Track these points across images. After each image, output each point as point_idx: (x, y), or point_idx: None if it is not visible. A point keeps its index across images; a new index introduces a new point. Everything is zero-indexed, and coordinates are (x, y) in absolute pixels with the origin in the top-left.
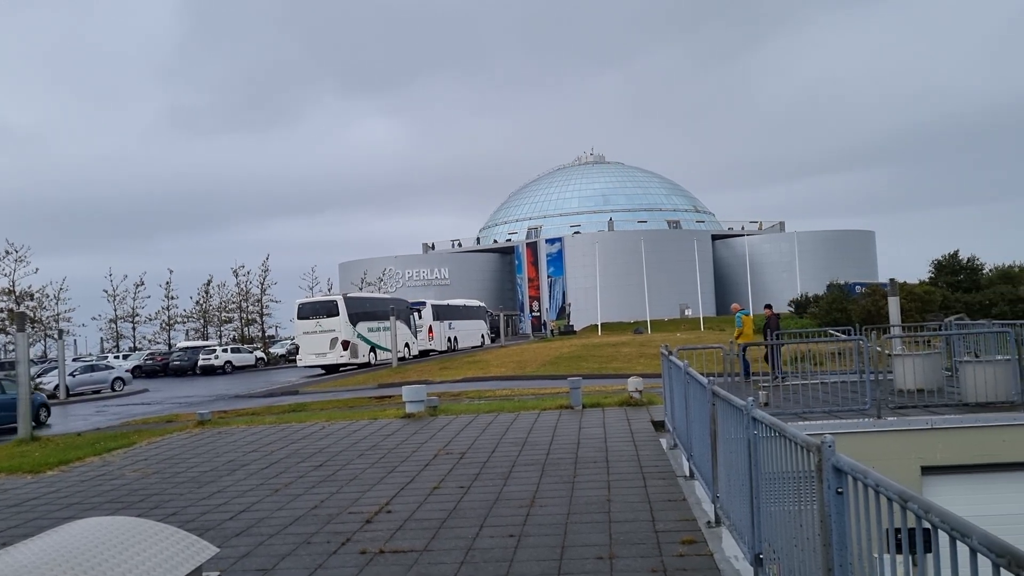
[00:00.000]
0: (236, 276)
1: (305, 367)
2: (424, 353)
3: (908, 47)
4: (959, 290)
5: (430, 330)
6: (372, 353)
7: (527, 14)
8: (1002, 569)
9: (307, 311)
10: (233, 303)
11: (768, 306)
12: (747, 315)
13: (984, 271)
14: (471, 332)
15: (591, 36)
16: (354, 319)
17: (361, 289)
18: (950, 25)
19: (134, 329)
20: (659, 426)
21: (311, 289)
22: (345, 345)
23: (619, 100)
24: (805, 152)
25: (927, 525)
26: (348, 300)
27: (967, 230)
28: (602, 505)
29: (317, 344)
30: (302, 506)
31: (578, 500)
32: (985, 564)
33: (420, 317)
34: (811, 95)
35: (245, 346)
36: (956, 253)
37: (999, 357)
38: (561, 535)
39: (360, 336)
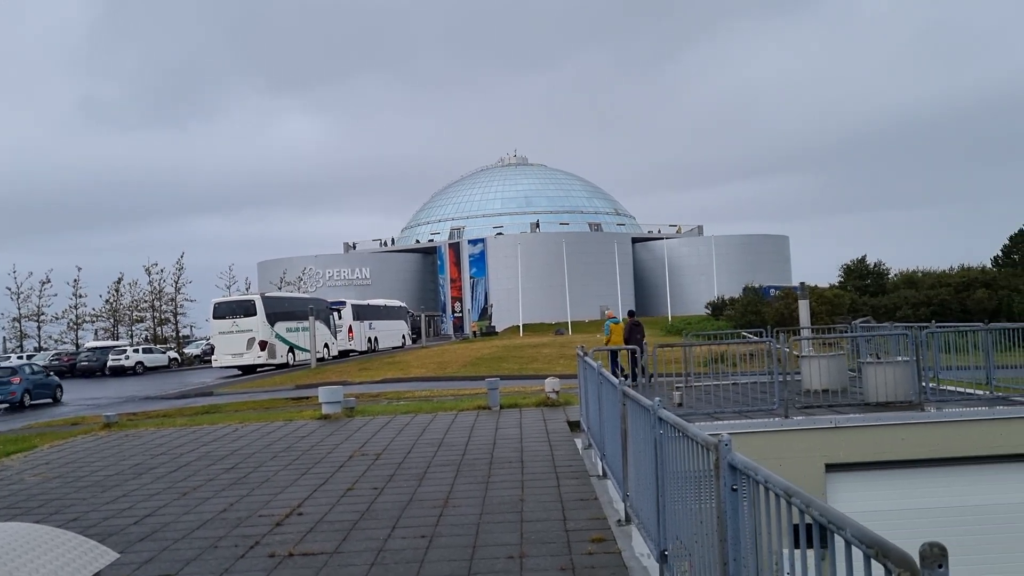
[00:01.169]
0: (149, 274)
1: (221, 368)
2: (344, 354)
3: (822, 59)
4: (866, 294)
5: (350, 330)
6: (291, 353)
7: (454, 15)
8: (872, 560)
9: (223, 310)
10: (145, 302)
11: (631, 313)
12: (616, 323)
13: (890, 276)
14: (392, 332)
15: (516, 38)
16: (272, 319)
17: (280, 288)
18: (862, 39)
19: (39, 328)
20: (575, 426)
21: (228, 288)
22: (263, 345)
23: (543, 102)
24: (723, 158)
25: (809, 520)
26: (266, 299)
27: (875, 237)
28: (515, 505)
29: (234, 344)
30: (210, 509)
31: (491, 500)
32: (859, 555)
33: (340, 317)
34: (730, 103)
35: (158, 346)
36: (864, 258)
37: (899, 359)
38: (473, 535)
39: (278, 336)
